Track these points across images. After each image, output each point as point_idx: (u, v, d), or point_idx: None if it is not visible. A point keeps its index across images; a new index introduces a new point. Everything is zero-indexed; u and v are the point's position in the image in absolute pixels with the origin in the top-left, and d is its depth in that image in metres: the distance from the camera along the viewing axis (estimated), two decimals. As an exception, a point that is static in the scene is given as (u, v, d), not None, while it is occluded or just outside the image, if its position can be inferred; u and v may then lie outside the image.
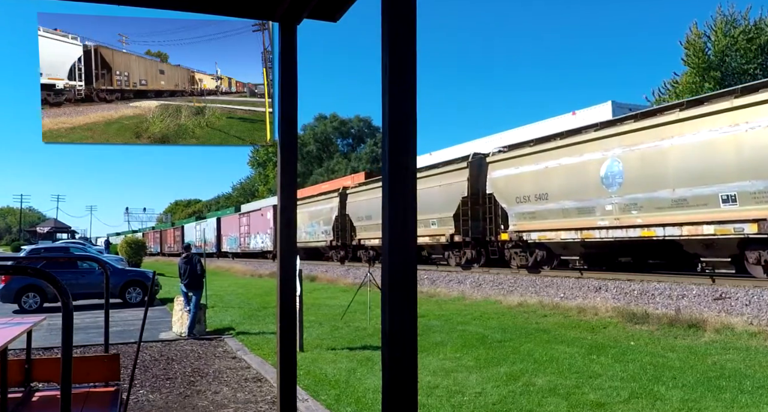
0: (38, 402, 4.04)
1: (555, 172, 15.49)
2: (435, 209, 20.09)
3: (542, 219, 15.96)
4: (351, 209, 27.59)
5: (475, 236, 18.87)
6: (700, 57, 32.88)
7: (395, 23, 1.99)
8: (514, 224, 17.07)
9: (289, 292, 3.30)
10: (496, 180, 17.80)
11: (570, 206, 15.07)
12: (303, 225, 32.33)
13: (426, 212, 20.36)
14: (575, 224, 14.92)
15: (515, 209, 16.97)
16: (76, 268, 16.78)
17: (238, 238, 43.95)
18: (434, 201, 20.08)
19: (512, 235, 17.15)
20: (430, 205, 20.14)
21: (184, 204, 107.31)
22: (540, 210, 16.03)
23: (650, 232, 13.05)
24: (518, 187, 16.83)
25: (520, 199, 16.73)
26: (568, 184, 15.05)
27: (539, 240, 16.26)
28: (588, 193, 14.47)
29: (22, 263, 10.21)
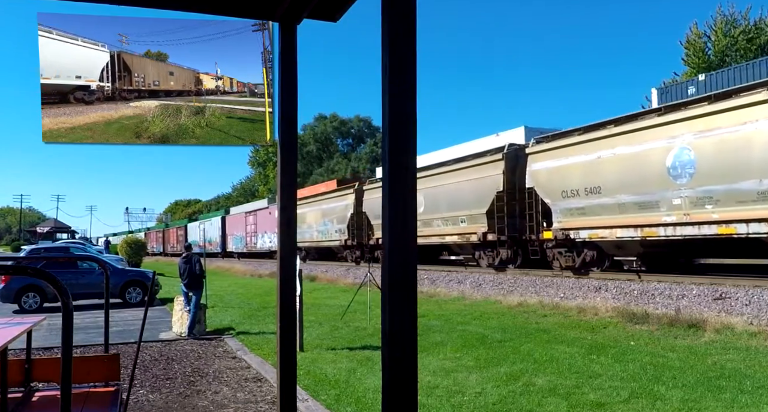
0: (38, 402, 4.04)
1: (609, 163, 13.84)
2: (464, 205, 18.75)
3: (593, 215, 14.38)
4: (368, 206, 25.83)
5: (512, 235, 17.27)
6: (700, 57, 32.94)
7: (395, 23, 1.99)
8: (558, 221, 15.39)
9: (289, 292, 3.30)
10: (538, 173, 16.12)
11: (628, 201, 13.43)
12: (315, 223, 31.21)
13: (453, 209, 19.23)
14: (634, 221, 13.29)
15: (560, 205, 15.34)
16: (76, 268, 16.78)
17: (244, 237, 42.56)
18: (463, 197, 18.75)
19: (557, 233, 15.43)
20: (459, 201, 18.90)
21: (184, 204, 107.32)
22: (591, 205, 14.42)
23: (729, 229, 11.48)
24: (564, 180, 15.18)
25: (567, 194, 15.09)
26: (626, 176, 13.40)
27: (589, 239, 14.60)
28: (650, 186, 12.88)
29: (22, 263, 10.21)
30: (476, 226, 18.43)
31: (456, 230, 19.43)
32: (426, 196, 20.20)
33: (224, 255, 47.28)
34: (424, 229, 20.58)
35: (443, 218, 19.99)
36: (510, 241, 17.48)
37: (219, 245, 48.33)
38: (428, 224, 20.51)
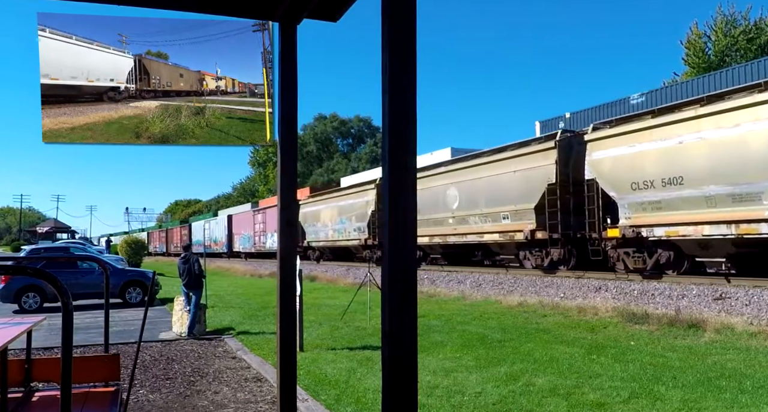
0: (38, 402, 4.04)
1: (695, 149, 12.02)
2: (507, 199, 16.81)
3: (672, 210, 12.50)
4: None
5: (565, 233, 15.11)
6: (701, 57, 32.95)
7: (395, 23, 1.99)
8: (627, 217, 13.60)
9: (289, 292, 3.30)
10: (600, 162, 14.20)
11: (719, 192, 11.63)
12: (330, 222, 29.25)
13: (494, 205, 17.36)
14: (727, 216, 11.49)
15: (630, 198, 13.48)
16: (76, 268, 16.78)
17: (252, 237, 40.21)
18: (507, 191, 16.80)
19: (625, 230, 13.56)
20: (501, 195, 17.04)
21: (184, 204, 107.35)
22: (669, 198, 12.53)
23: None
24: (635, 169, 13.27)
25: (638, 186, 13.19)
26: (717, 164, 11.59)
27: (666, 237, 12.75)
28: (750, 175, 11.06)
29: (22, 263, 10.21)
30: (522, 223, 16.46)
31: (497, 227, 17.47)
32: (461, 190, 18.95)
33: (231, 255, 45.28)
34: (459, 227, 19.15)
35: (481, 215, 18.14)
36: (563, 240, 15.28)
37: (225, 245, 46.32)
38: (463, 221, 18.96)
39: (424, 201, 20.60)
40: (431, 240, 20.95)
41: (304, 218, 31.59)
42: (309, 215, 31.53)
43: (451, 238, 19.88)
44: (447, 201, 19.77)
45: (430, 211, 20.36)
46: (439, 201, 20.06)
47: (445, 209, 19.78)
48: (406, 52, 2.00)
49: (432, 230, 20.65)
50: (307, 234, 32.13)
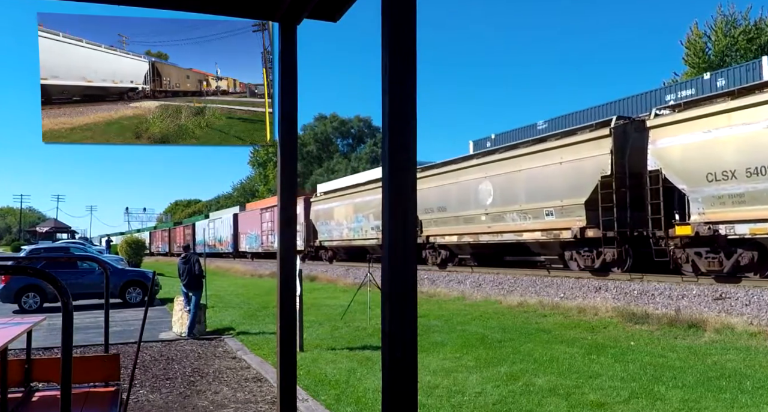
0: (38, 402, 4.04)
1: None
2: (552, 194, 15.14)
3: (759, 204, 11.13)
4: (420, 199, 23.20)
5: (621, 231, 13.48)
6: (701, 57, 32.97)
7: (395, 23, 1.99)
8: (701, 213, 12.14)
9: (289, 292, 3.30)
10: (667, 151, 12.66)
11: None
12: (345, 220, 27.35)
13: (536, 200, 15.66)
14: None
15: (704, 191, 12.02)
16: (76, 268, 16.78)
17: (259, 236, 38.03)
18: (551, 184, 15.16)
19: (698, 228, 12.05)
20: (544, 189, 15.36)
21: (184, 204, 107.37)
22: (756, 191, 11.13)
23: None
24: (710, 158, 11.81)
25: (716, 177, 11.71)
26: None
27: (751, 235, 11.36)
28: None
29: (22, 263, 10.21)
30: (569, 220, 14.75)
31: (539, 224, 15.75)
32: (496, 184, 17.25)
33: (236, 255, 43.08)
34: (493, 225, 17.47)
35: (520, 211, 16.39)
36: (620, 238, 13.62)
37: (230, 245, 44.26)
38: (499, 218, 17.24)
39: (451, 197, 19.33)
40: (460, 239, 19.31)
41: (316, 217, 30.45)
42: (321, 214, 30.00)
43: (483, 237, 18.16)
44: (480, 197, 17.97)
45: (459, 207, 18.91)
46: (470, 197, 18.36)
47: (478, 206, 18.04)
48: (406, 52, 2.00)
49: (461, 229, 19.05)
50: (319, 233, 30.50)
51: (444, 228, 20.05)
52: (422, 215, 20.68)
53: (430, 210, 20.60)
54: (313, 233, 31.03)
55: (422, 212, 20.68)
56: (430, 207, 20.55)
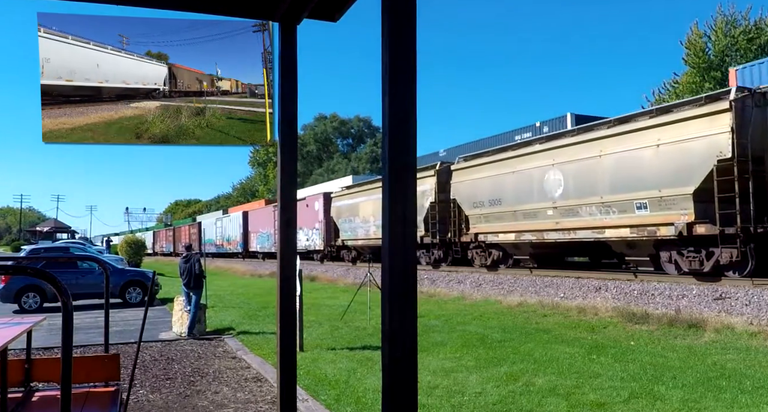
0: (38, 402, 4.04)
1: None
2: (645, 183, 12.66)
3: None
4: (460, 191, 19.06)
5: (745, 226, 11.06)
6: (701, 57, 32.96)
7: (395, 23, 1.99)
8: None
9: (289, 292, 3.30)
10: None
11: None
12: (372, 217, 24.75)
13: (623, 190, 13.20)
14: None
15: None
16: (76, 268, 16.78)
17: (271, 235, 35.43)
18: (644, 171, 12.68)
19: None
20: (634, 177, 12.89)
21: (184, 204, 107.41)
22: None
23: None
24: None
25: None
26: None
27: None
28: None
29: (22, 263, 10.21)
30: (670, 214, 12.34)
31: (627, 219, 13.23)
32: (568, 173, 14.70)
33: (246, 255, 40.60)
34: (564, 220, 14.88)
35: (601, 204, 13.82)
36: (743, 235, 11.15)
37: (240, 244, 41.77)
38: (571, 212, 14.69)
39: (508, 188, 16.76)
40: (518, 237, 16.74)
41: (338, 213, 27.84)
42: (344, 210, 27.45)
43: (550, 234, 15.49)
44: (546, 187, 15.34)
45: (517, 201, 16.38)
46: (533, 188, 15.79)
47: (543, 198, 15.45)
48: (406, 53, 2.00)
49: (520, 225, 16.50)
50: (341, 232, 27.81)
51: (497, 225, 17.42)
52: (470, 210, 18.49)
53: (480, 204, 18.00)
54: (335, 232, 28.55)
55: (470, 207, 18.48)
56: (480, 201, 17.97)
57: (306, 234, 30.93)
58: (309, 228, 30.71)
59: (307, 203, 30.82)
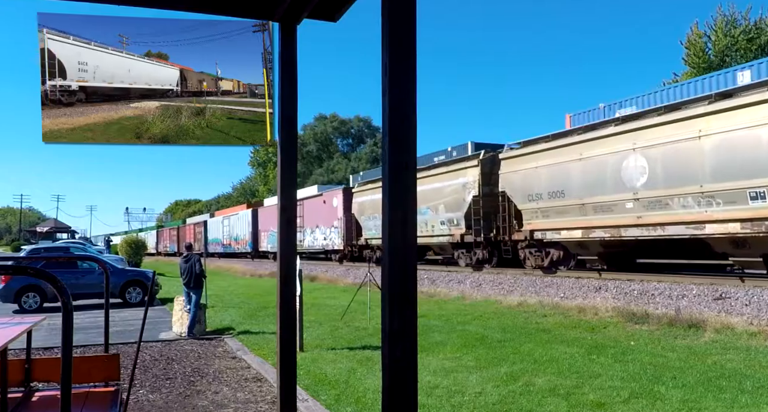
0: (38, 402, 4.04)
1: None
2: (763, 168, 10.56)
3: None
4: (511, 183, 16.80)
5: None
6: (701, 57, 32.97)
7: (395, 23, 1.99)
8: None
9: (289, 292, 3.30)
10: None
11: None
12: None
13: (731, 177, 11.08)
14: None
15: None
16: (76, 268, 16.78)
17: None
18: (764, 151, 10.51)
19: None
20: (747, 161, 10.79)
21: (184, 204, 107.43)
22: None
23: None
24: None
25: None
26: None
27: None
28: None
29: (22, 263, 10.21)
30: None
31: (736, 212, 11.12)
32: (653, 158, 12.60)
33: (256, 256, 38.09)
34: (648, 214, 12.84)
35: (700, 194, 11.73)
36: None
37: (249, 244, 39.16)
38: (659, 204, 12.61)
39: (573, 178, 14.53)
40: (586, 235, 14.35)
41: (361, 210, 25.51)
42: (367, 206, 24.93)
43: (629, 230, 13.25)
44: (624, 176, 13.18)
45: (586, 192, 14.19)
46: (607, 177, 13.60)
47: (620, 188, 13.25)
48: (406, 52, 2.00)
49: (588, 220, 14.24)
50: (364, 230, 25.56)
51: (558, 220, 15.10)
52: (523, 203, 16.30)
53: (537, 197, 15.75)
54: (356, 230, 26.23)
55: (523, 200, 16.29)
56: (537, 193, 15.72)
57: (323, 233, 28.82)
58: (327, 226, 28.56)
59: (324, 200, 28.87)
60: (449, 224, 19.56)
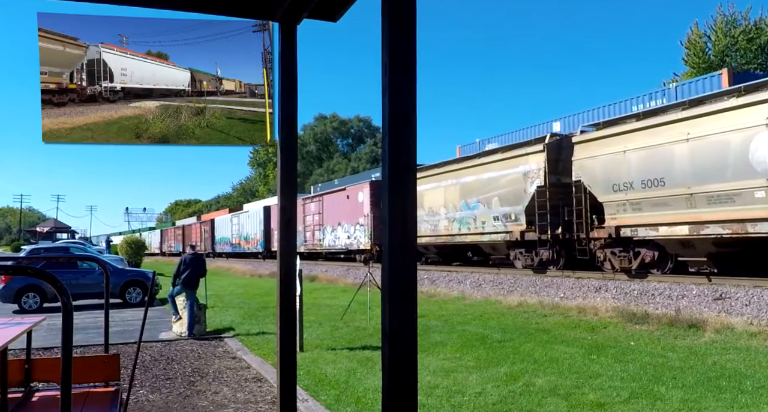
0: (38, 402, 4.04)
1: None
2: None
3: None
4: (590, 170, 14.21)
5: None
6: (701, 57, 32.98)
7: (395, 23, 1.99)
8: None
9: (289, 292, 3.30)
10: None
11: None
12: (444, 208, 19.82)
13: None
14: None
15: None
16: (76, 268, 16.78)
17: (301, 233, 30.18)
18: None
19: None
20: None
21: (184, 204, 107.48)
22: None
23: None
24: None
25: None
26: None
27: None
28: None
29: (22, 263, 10.21)
30: None
31: None
32: None
33: (268, 256, 35.74)
34: None
35: None
36: None
37: (260, 243, 37.02)
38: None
39: (676, 163, 12.16)
40: (696, 231, 11.93)
41: None
42: None
43: (758, 226, 10.86)
44: (754, 158, 10.76)
45: (695, 178, 11.80)
46: (728, 160, 11.21)
47: (747, 173, 10.86)
48: (406, 52, 2.00)
49: (698, 214, 11.86)
50: None
51: (655, 214, 12.74)
52: (605, 195, 13.72)
53: (625, 187, 13.21)
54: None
55: (605, 191, 13.73)
56: (626, 182, 13.20)
57: (346, 231, 26.20)
58: (351, 224, 25.86)
59: (348, 194, 26.29)
60: (505, 219, 16.92)
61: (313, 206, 29.85)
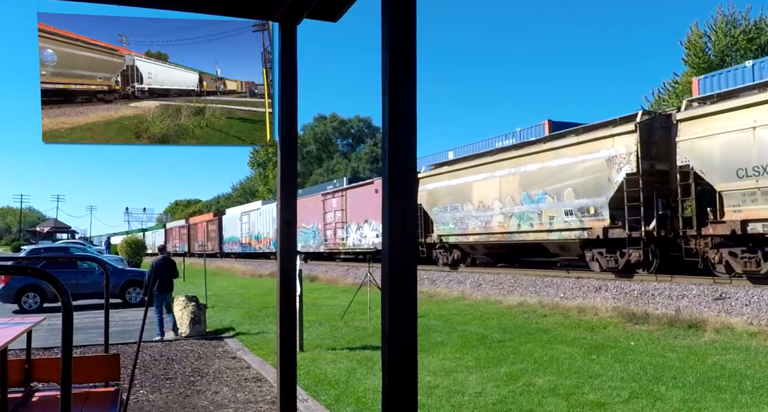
0: (38, 402, 4.04)
1: None
2: None
3: None
4: (701, 153, 11.63)
5: None
6: (701, 57, 32.95)
7: (395, 23, 1.99)
8: None
9: (289, 292, 3.30)
10: None
11: None
12: (499, 202, 17.09)
13: None
14: None
15: None
16: (76, 268, 16.79)
17: (320, 231, 28.16)
18: None
19: None
20: None
21: (184, 204, 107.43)
22: None
23: None
24: None
25: None
26: None
27: None
28: None
29: (22, 263, 10.22)
30: None
31: None
32: None
33: None
34: None
35: None
36: None
37: (273, 243, 33.15)
38: None
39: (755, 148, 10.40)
40: None
41: (432, 200, 20.05)
42: (443, 194, 19.66)
43: None
44: None
45: None
46: None
47: None
48: (406, 52, 2.00)
49: None
50: (436, 224, 20.07)
51: (739, 213, 10.96)
52: (726, 182, 11.25)
53: (755, 172, 10.77)
54: (423, 225, 20.37)
55: (723, 178, 11.28)
56: (756, 166, 10.70)
57: (374, 229, 23.42)
58: (379, 221, 21.59)
59: (376, 188, 23.09)
60: (581, 213, 14.18)
61: (335, 201, 27.00)
